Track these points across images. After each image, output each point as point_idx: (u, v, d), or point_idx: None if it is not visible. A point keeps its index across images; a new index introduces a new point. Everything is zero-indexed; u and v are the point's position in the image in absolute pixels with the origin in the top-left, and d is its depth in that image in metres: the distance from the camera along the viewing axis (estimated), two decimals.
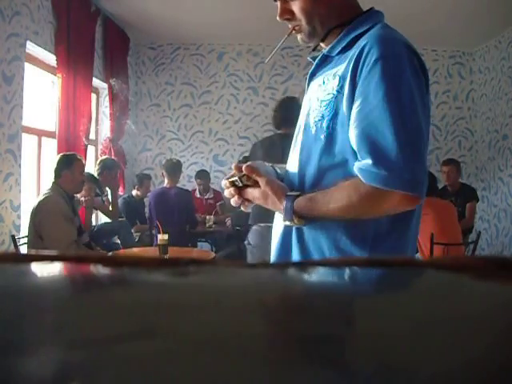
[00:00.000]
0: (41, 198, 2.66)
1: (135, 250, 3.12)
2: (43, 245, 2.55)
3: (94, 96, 4.32)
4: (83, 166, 2.84)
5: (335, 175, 0.90)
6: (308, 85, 1.02)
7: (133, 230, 3.77)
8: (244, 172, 0.95)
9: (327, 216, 0.89)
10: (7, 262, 0.29)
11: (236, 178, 0.97)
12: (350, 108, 0.87)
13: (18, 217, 2.97)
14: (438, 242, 2.86)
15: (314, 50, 1.05)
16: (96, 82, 4.16)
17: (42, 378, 0.14)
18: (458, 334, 0.19)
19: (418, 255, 3.09)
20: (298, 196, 0.91)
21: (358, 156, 0.85)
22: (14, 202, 2.96)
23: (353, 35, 0.93)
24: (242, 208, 1.04)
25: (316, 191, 0.90)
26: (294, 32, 0.98)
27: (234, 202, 1.00)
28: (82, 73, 3.67)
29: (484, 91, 4.95)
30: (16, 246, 2.72)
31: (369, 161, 0.82)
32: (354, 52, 0.88)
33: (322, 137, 0.91)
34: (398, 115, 0.82)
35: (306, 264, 0.29)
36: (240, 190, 0.98)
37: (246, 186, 0.97)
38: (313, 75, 1.02)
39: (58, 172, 2.68)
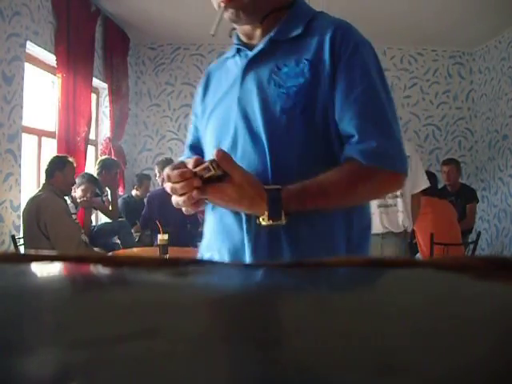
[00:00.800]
0: (36, 198, 2.67)
1: (135, 250, 3.12)
2: (50, 245, 2.57)
3: (94, 96, 4.32)
4: (74, 168, 2.91)
5: (323, 164, 0.82)
6: (244, 72, 0.89)
7: (133, 230, 3.77)
8: (215, 158, 0.75)
9: (324, 206, 0.82)
10: (7, 262, 0.29)
11: (207, 163, 0.75)
12: (331, 93, 0.83)
13: (18, 217, 2.98)
14: (438, 242, 2.86)
15: (230, 36, 0.97)
16: (96, 81, 4.16)
17: (42, 378, 0.14)
18: (458, 334, 0.19)
19: (418, 255, 3.09)
20: (279, 190, 0.78)
21: (356, 138, 0.81)
22: (13, 201, 2.96)
23: (304, 20, 0.89)
24: (186, 210, 0.82)
25: (301, 182, 0.79)
26: (223, 6, 0.86)
27: (185, 200, 0.77)
28: (82, 73, 3.67)
29: (484, 91, 4.95)
30: (16, 246, 2.72)
31: (372, 143, 0.81)
32: (320, 38, 0.85)
33: (300, 126, 0.83)
34: (385, 97, 0.85)
35: (305, 264, 0.29)
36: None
37: (209, 180, 0.76)
38: (252, 62, 0.89)
39: (50, 172, 2.74)
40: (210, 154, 0.92)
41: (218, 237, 0.89)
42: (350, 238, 0.86)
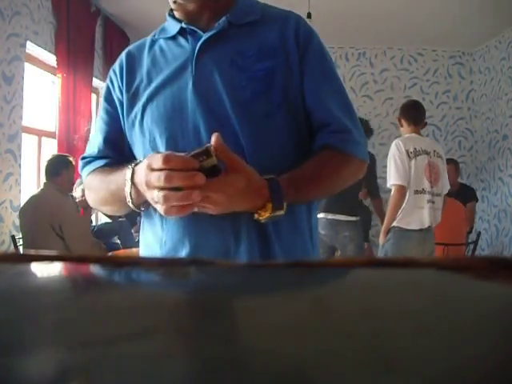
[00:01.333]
0: (42, 197, 2.67)
1: (135, 250, 3.12)
2: (64, 245, 2.57)
3: (94, 96, 4.32)
4: (75, 167, 2.93)
5: (297, 150, 0.82)
6: (198, 54, 0.82)
7: (133, 230, 3.77)
8: (212, 144, 0.65)
9: (315, 193, 0.82)
10: (7, 262, 0.29)
11: (202, 149, 0.63)
12: (299, 80, 0.82)
13: (18, 217, 2.98)
14: (438, 242, 2.86)
15: (171, 11, 0.90)
16: (96, 82, 4.16)
17: (41, 378, 0.14)
18: (458, 334, 0.19)
19: None
20: (276, 178, 0.74)
21: (333, 127, 0.82)
22: (13, 202, 2.96)
23: (257, 7, 0.87)
24: (169, 211, 0.66)
25: (291, 171, 0.77)
26: None
27: (184, 197, 0.63)
28: (82, 73, 3.67)
29: (484, 91, 4.95)
30: (16, 246, 2.72)
31: (349, 133, 0.84)
32: (281, 26, 0.84)
33: (275, 110, 0.80)
34: (345, 89, 0.89)
35: (305, 264, 0.29)
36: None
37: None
38: (207, 44, 0.82)
39: (55, 171, 2.74)
40: (148, 146, 0.82)
41: (189, 242, 0.78)
42: (312, 236, 0.88)
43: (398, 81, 5.05)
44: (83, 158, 0.92)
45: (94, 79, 4.04)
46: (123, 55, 0.91)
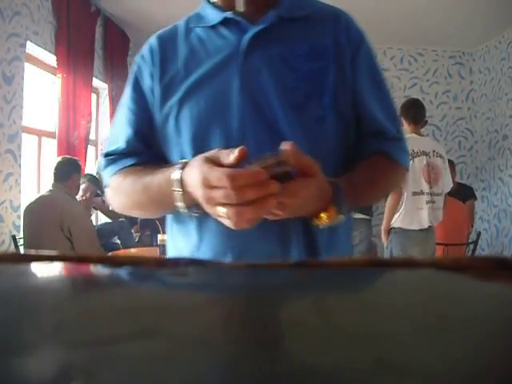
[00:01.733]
0: (51, 198, 2.65)
1: (133, 250, 3.13)
2: (71, 247, 2.59)
3: (94, 96, 4.32)
4: (82, 171, 2.99)
5: (350, 156, 0.79)
6: (247, 49, 0.75)
7: (133, 230, 3.77)
8: (286, 151, 0.59)
9: (369, 199, 0.83)
10: (7, 262, 0.29)
11: (274, 158, 0.58)
12: (350, 83, 0.78)
13: (18, 217, 2.97)
14: (438, 243, 2.86)
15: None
16: (96, 81, 4.16)
17: (42, 378, 0.14)
18: (458, 334, 0.19)
19: None
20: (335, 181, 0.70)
21: (387, 135, 0.80)
22: (13, 202, 2.96)
23: (307, 1, 0.82)
24: (237, 223, 0.58)
25: (347, 175, 0.73)
26: None
27: (257, 210, 0.57)
28: (81, 73, 3.68)
29: (484, 91, 4.95)
30: (16, 246, 2.72)
31: (400, 142, 0.83)
32: (333, 24, 0.80)
33: (325, 116, 0.75)
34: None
35: (306, 264, 0.29)
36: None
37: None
38: (256, 38, 0.76)
39: (67, 174, 2.74)
40: (187, 144, 0.75)
41: (233, 253, 0.73)
42: (351, 243, 0.89)
43: (398, 81, 5.05)
44: (106, 155, 0.84)
45: (94, 79, 4.04)
46: (153, 40, 0.83)
